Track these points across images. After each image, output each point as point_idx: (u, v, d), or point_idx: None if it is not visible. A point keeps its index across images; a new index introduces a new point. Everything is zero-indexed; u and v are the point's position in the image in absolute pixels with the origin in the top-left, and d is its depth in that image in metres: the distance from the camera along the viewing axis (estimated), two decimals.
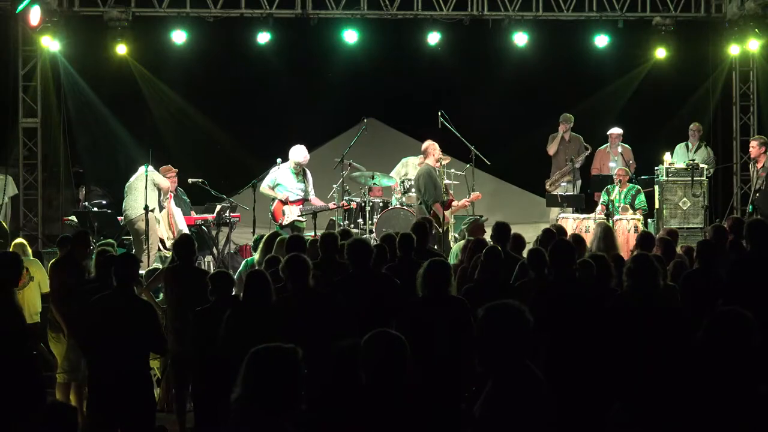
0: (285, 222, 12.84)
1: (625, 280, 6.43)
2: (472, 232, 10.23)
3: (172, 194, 13.16)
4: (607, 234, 9.47)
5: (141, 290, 8.49)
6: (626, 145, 14.83)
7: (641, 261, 6.40)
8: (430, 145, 12.63)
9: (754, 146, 13.68)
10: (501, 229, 8.91)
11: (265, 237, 9.32)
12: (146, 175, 12.51)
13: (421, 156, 13.24)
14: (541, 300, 6.59)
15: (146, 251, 12.40)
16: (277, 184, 12.95)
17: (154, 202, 12.66)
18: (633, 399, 5.80)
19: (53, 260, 8.97)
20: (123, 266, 6.90)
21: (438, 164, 12.60)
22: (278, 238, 9.00)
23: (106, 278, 7.23)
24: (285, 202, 12.92)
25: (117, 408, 6.64)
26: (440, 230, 11.85)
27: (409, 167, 14.15)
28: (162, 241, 12.68)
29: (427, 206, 12.18)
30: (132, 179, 12.85)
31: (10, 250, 10.38)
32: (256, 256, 9.21)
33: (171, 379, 8.58)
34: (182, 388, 8.10)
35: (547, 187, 15.06)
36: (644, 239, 9.10)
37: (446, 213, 12.46)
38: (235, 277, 8.35)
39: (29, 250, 10.27)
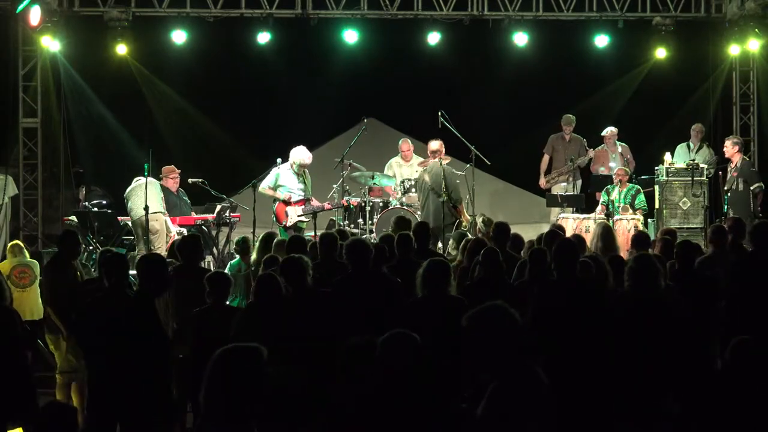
0: (288, 223, 12.88)
1: (626, 279, 6.43)
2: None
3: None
4: (606, 234, 9.46)
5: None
6: (624, 144, 14.85)
7: (643, 261, 6.40)
8: (441, 145, 12.85)
9: (727, 146, 13.73)
10: (501, 229, 8.92)
11: (261, 237, 9.35)
12: (146, 175, 12.51)
13: (400, 155, 14.09)
14: (543, 299, 6.59)
15: (149, 250, 12.40)
16: (279, 185, 12.97)
17: (157, 204, 12.62)
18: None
19: (46, 262, 8.97)
20: (113, 266, 6.89)
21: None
22: (276, 240, 9.03)
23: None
24: (287, 203, 12.94)
25: (117, 408, 6.64)
26: (467, 229, 12.00)
27: (393, 168, 14.24)
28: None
29: (454, 205, 12.39)
30: (136, 184, 12.82)
31: (7, 251, 10.42)
32: (253, 255, 9.24)
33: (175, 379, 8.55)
34: (183, 388, 8.08)
35: (542, 183, 15.07)
36: (639, 239, 9.09)
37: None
38: None
39: (26, 252, 10.27)
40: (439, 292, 6.51)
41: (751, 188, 13.34)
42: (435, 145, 12.88)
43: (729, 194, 13.50)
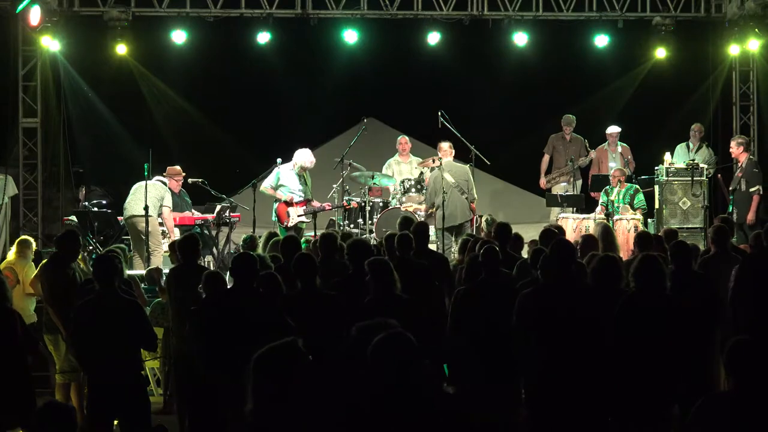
0: (290, 224, 12.87)
1: (631, 280, 6.41)
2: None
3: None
4: (606, 234, 9.44)
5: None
6: (625, 144, 14.85)
7: (649, 262, 6.38)
8: (450, 146, 13.10)
9: (732, 147, 13.73)
10: (502, 229, 8.90)
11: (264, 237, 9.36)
12: (146, 175, 12.48)
13: (399, 154, 14.35)
14: (542, 301, 6.57)
15: (146, 251, 12.38)
16: (280, 185, 12.97)
17: (150, 207, 12.57)
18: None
19: (43, 262, 8.91)
20: (102, 267, 6.87)
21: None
22: (272, 239, 9.05)
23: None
24: (289, 203, 12.95)
25: (114, 407, 6.66)
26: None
27: (392, 167, 14.26)
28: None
29: (469, 203, 12.65)
30: (140, 184, 12.74)
31: (14, 246, 10.32)
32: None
33: (174, 379, 8.54)
34: (185, 388, 8.07)
35: (543, 183, 15.07)
36: (642, 239, 9.07)
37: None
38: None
39: (30, 253, 10.10)
40: (388, 291, 6.54)
41: (750, 190, 13.31)
42: (446, 145, 13.08)
43: (734, 194, 13.46)
